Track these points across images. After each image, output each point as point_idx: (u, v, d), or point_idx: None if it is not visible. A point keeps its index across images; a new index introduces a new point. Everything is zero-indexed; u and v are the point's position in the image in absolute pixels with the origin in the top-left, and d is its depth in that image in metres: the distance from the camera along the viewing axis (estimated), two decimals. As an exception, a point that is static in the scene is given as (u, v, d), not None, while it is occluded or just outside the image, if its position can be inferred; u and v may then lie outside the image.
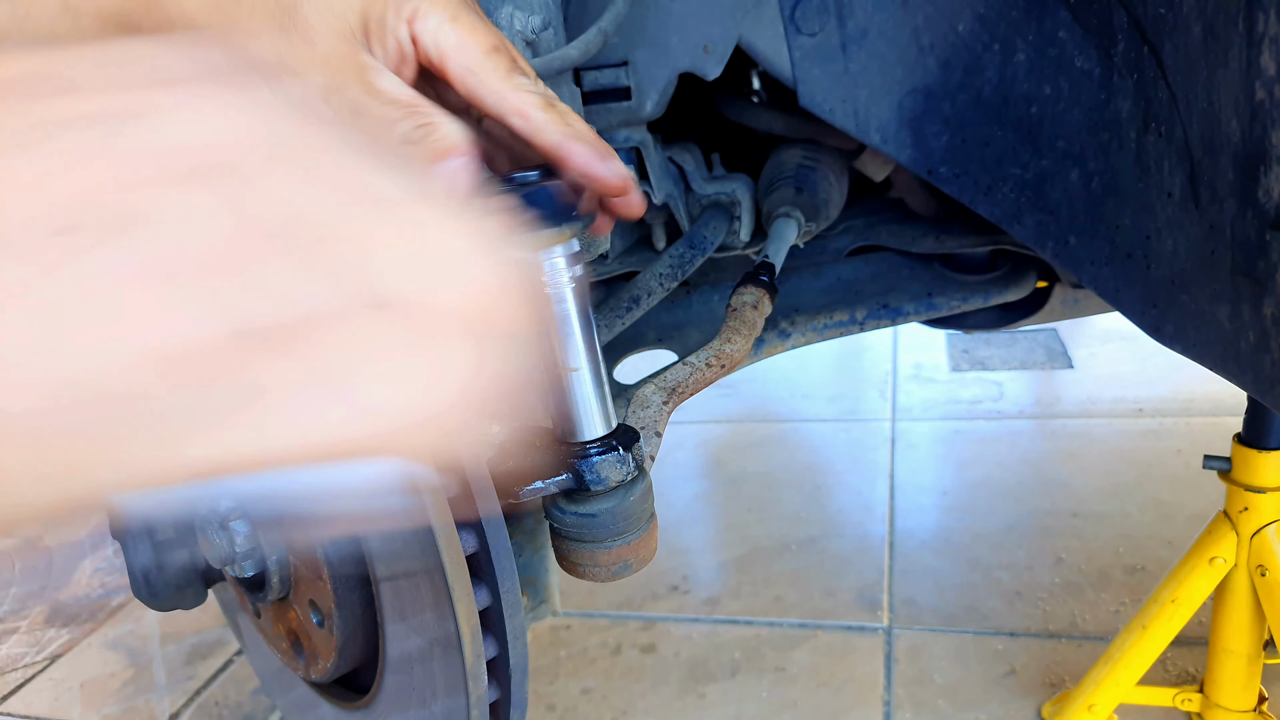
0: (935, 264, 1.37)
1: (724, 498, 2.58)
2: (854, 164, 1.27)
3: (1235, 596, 1.43)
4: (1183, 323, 0.77)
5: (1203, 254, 0.72)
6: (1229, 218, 0.68)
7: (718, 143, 1.26)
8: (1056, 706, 1.61)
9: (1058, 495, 2.35)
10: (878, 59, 0.89)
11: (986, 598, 1.99)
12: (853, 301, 1.36)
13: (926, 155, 0.91)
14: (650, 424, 0.78)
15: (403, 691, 0.63)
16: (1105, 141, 0.82)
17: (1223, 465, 1.42)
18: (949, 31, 0.86)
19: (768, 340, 1.32)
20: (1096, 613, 1.90)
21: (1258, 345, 0.67)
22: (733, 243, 1.20)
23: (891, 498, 2.45)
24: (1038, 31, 0.83)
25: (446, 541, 0.54)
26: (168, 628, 2.23)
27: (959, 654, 1.83)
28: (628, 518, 0.64)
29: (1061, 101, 0.84)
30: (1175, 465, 2.43)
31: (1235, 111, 0.65)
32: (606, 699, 1.83)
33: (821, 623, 1.98)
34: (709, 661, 1.90)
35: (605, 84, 0.97)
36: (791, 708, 1.75)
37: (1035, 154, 0.87)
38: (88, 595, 2.43)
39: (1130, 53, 0.77)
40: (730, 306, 0.96)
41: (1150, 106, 0.76)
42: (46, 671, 2.13)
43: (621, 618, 2.07)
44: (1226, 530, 1.41)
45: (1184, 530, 2.12)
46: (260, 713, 1.91)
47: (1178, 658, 1.71)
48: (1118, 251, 0.83)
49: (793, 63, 0.92)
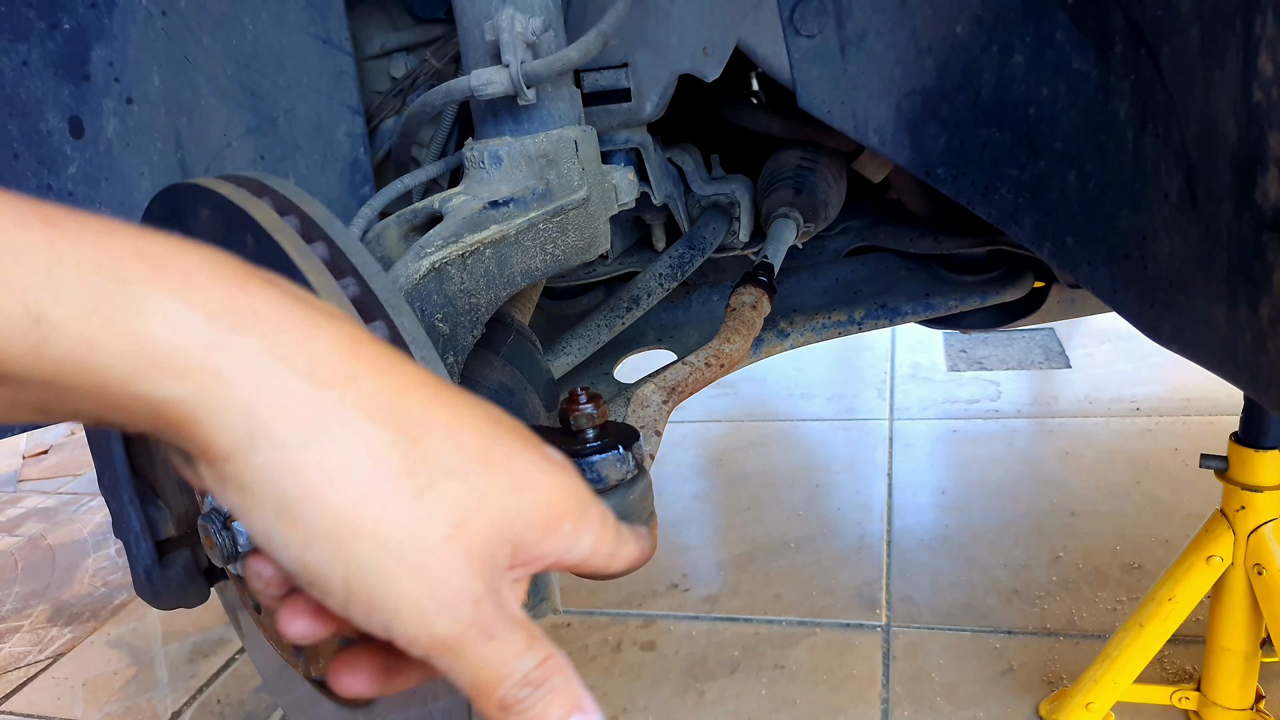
0: (933, 264, 1.37)
1: (723, 496, 2.58)
2: (852, 165, 1.28)
3: (1232, 595, 1.44)
4: (1180, 323, 0.78)
5: (1200, 254, 0.73)
6: (1226, 219, 0.69)
7: (717, 144, 1.26)
8: (1054, 704, 1.61)
9: (1055, 494, 2.36)
10: (876, 61, 0.90)
11: (984, 596, 1.99)
12: (851, 301, 1.37)
13: (924, 156, 0.91)
14: (650, 423, 0.78)
15: (405, 691, 0.63)
16: (1102, 143, 0.82)
17: (1220, 464, 1.42)
18: (947, 33, 0.87)
19: (766, 340, 1.33)
20: (1094, 611, 1.90)
21: (1254, 345, 0.68)
22: (732, 243, 1.20)
23: (889, 497, 2.46)
24: (1035, 33, 0.84)
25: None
26: (170, 626, 2.24)
27: (957, 652, 1.83)
28: (627, 516, 0.65)
29: (1059, 103, 0.84)
30: (1172, 464, 2.44)
31: (1232, 113, 0.66)
32: (607, 696, 1.83)
33: (820, 620, 1.98)
34: (708, 659, 1.91)
35: (605, 85, 0.97)
36: (790, 705, 1.75)
37: (1033, 155, 0.87)
38: (90, 594, 2.43)
39: (1128, 54, 0.77)
40: (729, 306, 0.97)
41: (1148, 108, 0.76)
42: (49, 670, 2.13)
43: (621, 615, 2.08)
44: (1223, 529, 1.42)
45: (1181, 529, 2.13)
46: (262, 711, 1.91)
47: (1175, 656, 1.72)
48: (1115, 252, 0.83)
49: (791, 64, 0.92)
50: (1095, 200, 0.84)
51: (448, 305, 0.76)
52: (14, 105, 1.01)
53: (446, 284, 0.77)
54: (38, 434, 3.51)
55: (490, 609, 0.39)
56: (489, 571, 0.39)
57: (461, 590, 0.38)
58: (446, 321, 0.76)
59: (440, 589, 0.38)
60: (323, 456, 0.36)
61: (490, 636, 0.39)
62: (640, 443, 0.64)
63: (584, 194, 0.87)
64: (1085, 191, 0.85)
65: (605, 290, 1.42)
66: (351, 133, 1.09)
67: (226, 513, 0.65)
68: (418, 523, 0.37)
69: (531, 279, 0.82)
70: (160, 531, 0.77)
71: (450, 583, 0.38)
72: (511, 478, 0.40)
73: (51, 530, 2.81)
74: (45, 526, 2.84)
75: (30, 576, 2.55)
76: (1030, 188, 0.88)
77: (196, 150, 1.07)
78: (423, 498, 0.38)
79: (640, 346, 1.40)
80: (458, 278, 0.77)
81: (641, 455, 0.64)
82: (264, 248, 0.58)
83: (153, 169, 1.07)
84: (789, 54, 0.92)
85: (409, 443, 0.38)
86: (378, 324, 0.56)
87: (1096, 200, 0.84)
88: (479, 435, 0.40)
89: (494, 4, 0.86)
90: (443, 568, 0.38)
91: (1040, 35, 0.84)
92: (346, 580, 0.37)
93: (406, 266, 0.76)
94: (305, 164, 1.10)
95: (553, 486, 0.42)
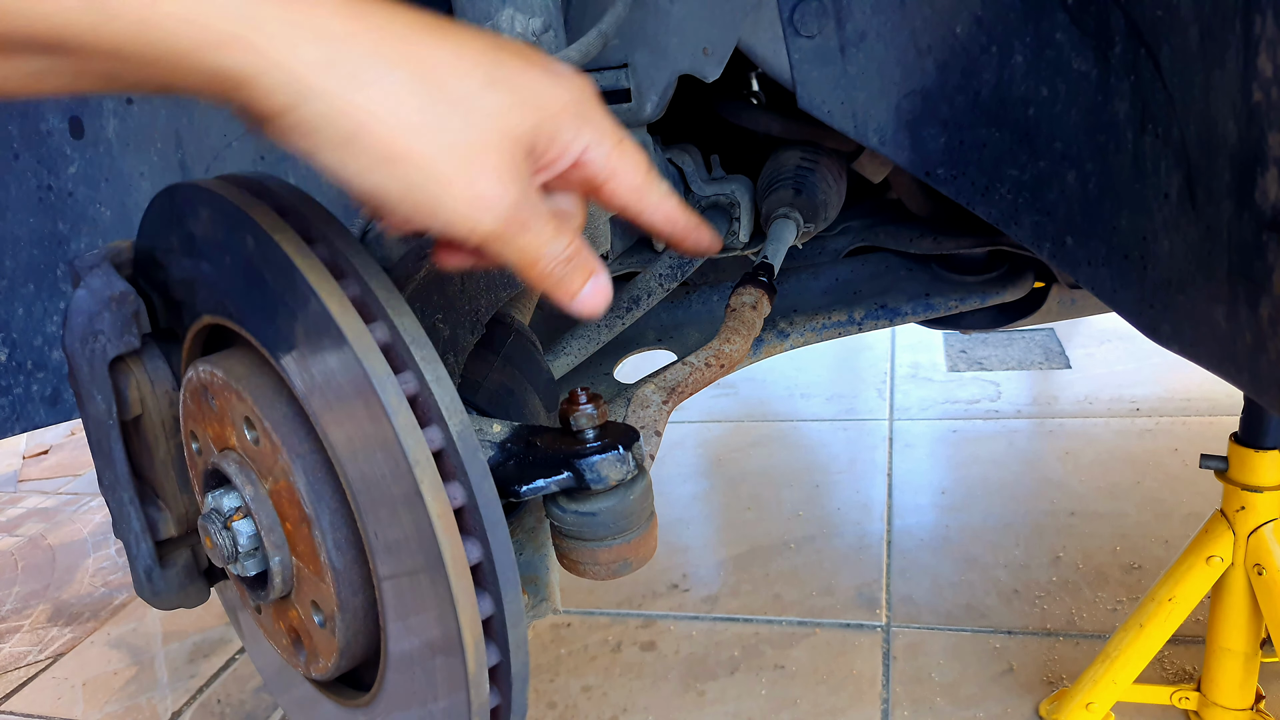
0: (933, 265, 1.37)
1: (723, 496, 2.58)
2: (852, 165, 1.27)
3: (1232, 595, 1.44)
4: (1179, 323, 0.78)
5: (1199, 255, 0.73)
6: (1225, 219, 0.69)
7: (717, 144, 1.26)
8: (1054, 704, 1.61)
9: (1055, 494, 2.36)
10: (876, 61, 0.90)
11: (984, 596, 1.99)
12: (851, 302, 1.36)
13: (924, 157, 0.91)
14: (650, 423, 0.78)
15: (405, 692, 0.63)
16: (1102, 143, 0.82)
17: (1219, 464, 1.42)
18: (947, 34, 0.87)
19: (766, 340, 1.33)
20: (1094, 611, 1.90)
21: (1254, 345, 0.68)
22: (732, 243, 1.20)
23: (889, 497, 2.46)
24: (1035, 33, 0.84)
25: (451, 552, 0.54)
26: (170, 626, 2.24)
27: (957, 652, 1.83)
28: (628, 516, 0.65)
29: (1059, 103, 0.84)
30: (1172, 464, 2.44)
31: (1232, 113, 0.66)
32: (607, 696, 1.83)
33: (820, 621, 1.98)
34: (708, 659, 1.91)
35: (605, 86, 0.97)
36: (790, 705, 1.75)
37: (1032, 155, 0.87)
38: (90, 594, 2.43)
39: (1127, 54, 0.77)
40: (729, 307, 0.96)
41: (1147, 108, 0.76)
42: (49, 670, 2.13)
43: (621, 615, 2.08)
44: (1223, 529, 1.42)
45: (1181, 529, 2.13)
46: (262, 711, 1.92)
47: (1175, 656, 1.72)
48: (1115, 252, 0.83)
49: (791, 65, 0.92)
50: (1095, 200, 0.84)
51: (448, 306, 0.76)
52: (14, 105, 1.01)
53: (446, 285, 0.77)
54: (38, 434, 3.51)
55: (523, 207, 0.50)
56: (515, 177, 0.49)
57: (495, 195, 0.48)
58: (446, 322, 0.76)
59: (479, 197, 0.48)
60: (361, 101, 0.45)
61: (526, 229, 0.50)
62: (640, 443, 0.64)
63: (584, 194, 0.87)
64: (1085, 192, 0.85)
65: (605, 290, 1.42)
66: (351, 133, 1.09)
67: (227, 513, 0.65)
68: (448, 147, 0.47)
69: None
70: (160, 531, 0.77)
71: (486, 191, 0.48)
72: (516, 96, 0.50)
73: (51, 530, 2.81)
74: (45, 526, 2.84)
75: (30, 576, 2.55)
76: (1030, 188, 0.88)
77: (196, 150, 1.07)
78: (446, 126, 0.47)
79: (640, 346, 1.40)
80: (458, 278, 0.77)
81: (641, 455, 0.64)
82: (264, 248, 0.58)
83: (153, 169, 1.07)
84: (789, 54, 0.92)
85: (424, 79, 0.47)
86: (378, 324, 0.56)
87: (1096, 200, 0.84)
88: (484, 63, 0.49)
89: (494, 4, 0.86)
90: (477, 179, 0.48)
91: (1040, 35, 0.83)
92: (405, 196, 0.47)
93: (406, 266, 0.76)
94: (305, 164, 1.10)
95: (550, 98, 0.51)
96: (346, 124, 0.45)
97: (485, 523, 0.55)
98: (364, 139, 0.46)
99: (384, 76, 0.45)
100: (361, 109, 0.45)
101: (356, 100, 0.45)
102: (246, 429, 0.63)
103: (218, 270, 0.63)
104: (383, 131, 0.46)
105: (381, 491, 0.56)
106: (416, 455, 0.53)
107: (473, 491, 0.55)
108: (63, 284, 1.09)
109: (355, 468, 0.57)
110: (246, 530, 0.64)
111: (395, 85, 0.46)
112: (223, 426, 0.66)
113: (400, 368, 0.55)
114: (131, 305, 0.69)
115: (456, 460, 0.55)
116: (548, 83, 0.51)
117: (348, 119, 0.45)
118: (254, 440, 0.63)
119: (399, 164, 0.47)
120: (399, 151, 0.46)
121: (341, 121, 0.45)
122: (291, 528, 0.62)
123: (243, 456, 0.65)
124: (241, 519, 0.64)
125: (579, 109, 0.53)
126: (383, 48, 0.46)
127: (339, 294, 0.55)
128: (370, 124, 0.45)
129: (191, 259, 0.66)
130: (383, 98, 0.45)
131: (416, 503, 0.53)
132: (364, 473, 0.57)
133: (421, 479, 0.53)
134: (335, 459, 0.58)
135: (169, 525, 0.77)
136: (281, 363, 0.60)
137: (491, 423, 0.68)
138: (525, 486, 0.62)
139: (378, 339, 0.55)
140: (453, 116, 0.47)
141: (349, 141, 0.46)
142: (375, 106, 0.45)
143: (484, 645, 0.56)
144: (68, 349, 0.71)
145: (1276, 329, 0.65)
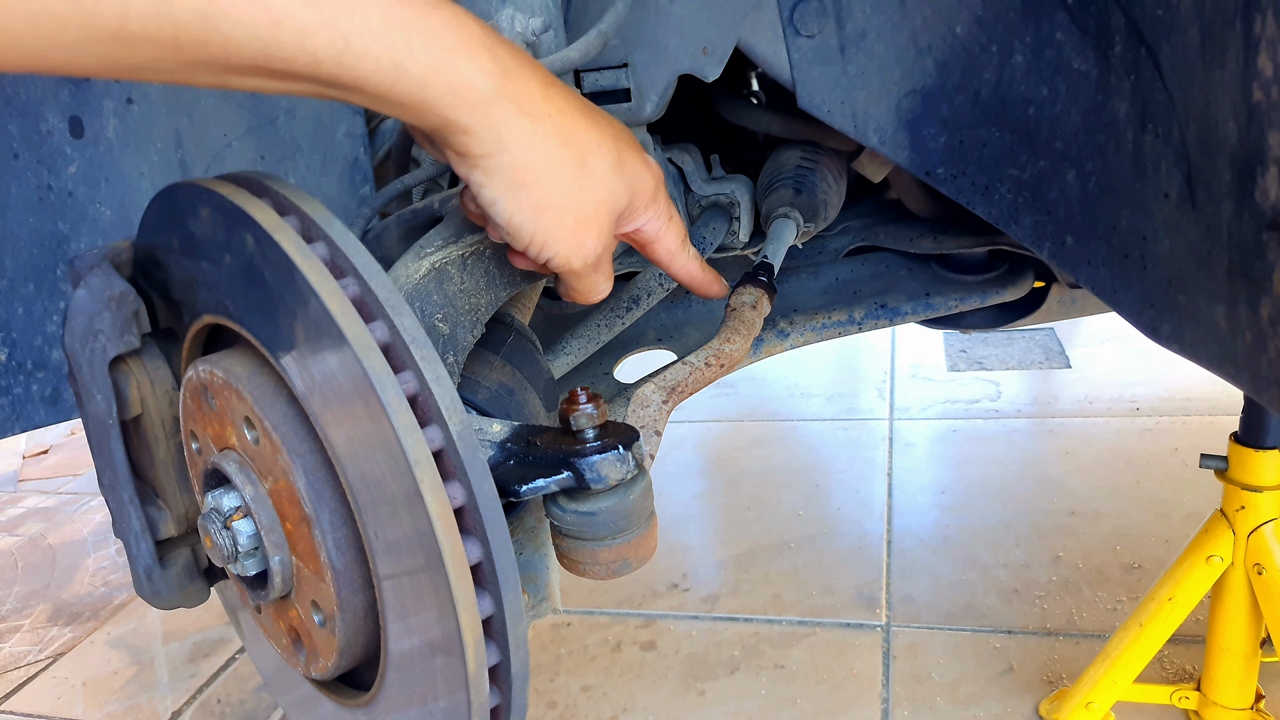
0: (933, 264, 1.37)
1: (723, 496, 2.58)
2: (852, 165, 1.27)
3: (1232, 595, 1.44)
4: (1179, 323, 0.78)
5: (1200, 254, 0.73)
6: (1226, 218, 0.69)
7: (717, 144, 1.26)
8: (1054, 704, 1.61)
9: (1055, 494, 2.36)
10: (876, 60, 0.90)
11: (984, 596, 1.99)
12: (851, 301, 1.36)
13: (924, 156, 0.91)
14: (650, 423, 0.78)
15: (405, 691, 0.63)
16: (1102, 142, 0.82)
17: (1219, 464, 1.42)
18: (947, 33, 0.87)
19: (766, 340, 1.33)
20: (1094, 611, 1.90)
21: (1254, 345, 0.68)
22: (732, 243, 1.20)
23: (889, 496, 2.46)
24: (1035, 33, 0.84)
25: (451, 552, 0.54)
26: (170, 626, 2.24)
27: (957, 651, 1.83)
28: (627, 516, 0.65)
29: (1059, 103, 0.84)
30: (1172, 464, 2.44)
31: (1232, 113, 0.66)
32: (607, 696, 1.83)
33: (820, 620, 1.98)
34: (709, 659, 1.91)
35: (605, 86, 0.97)
36: (790, 705, 1.75)
37: (1032, 155, 0.87)
38: (90, 594, 2.43)
39: (1128, 54, 0.77)
40: (729, 306, 0.96)
41: (1147, 108, 0.76)
42: (49, 670, 2.13)
43: (622, 615, 2.08)
44: (1223, 529, 1.42)
45: (1181, 529, 2.13)
46: (262, 711, 1.92)
47: (1175, 655, 1.72)
48: (1115, 252, 0.83)
49: (791, 64, 0.92)
50: (1095, 200, 0.84)
51: (448, 305, 0.76)
52: (14, 105, 1.01)
53: (446, 284, 0.77)
54: (38, 434, 3.51)
55: (603, 257, 0.71)
56: (606, 236, 0.71)
57: (591, 249, 0.70)
58: (446, 321, 0.76)
59: (582, 247, 0.69)
60: (534, 163, 0.64)
61: (595, 271, 0.72)
62: (640, 443, 0.64)
63: (584, 194, 0.87)
64: (1085, 191, 0.85)
65: (605, 290, 1.42)
66: (351, 133, 1.09)
67: (227, 512, 0.65)
68: (577, 208, 0.67)
69: (532, 279, 0.82)
70: (160, 531, 0.77)
71: (588, 245, 0.69)
72: (626, 180, 0.70)
73: (51, 530, 2.81)
74: (45, 526, 2.84)
75: (30, 576, 2.55)
76: (1030, 187, 0.88)
77: (196, 150, 1.07)
78: (582, 194, 0.67)
79: (640, 346, 1.40)
80: (458, 278, 0.77)
81: (641, 455, 0.64)
82: (264, 248, 0.58)
83: (153, 169, 1.07)
84: (789, 54, 0.92)
85: (579, 159, 0.66)
86: (377, 324, 0.56)
87: (1096, 200, 0.84)
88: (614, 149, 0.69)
89: (494, 4, 0.86)
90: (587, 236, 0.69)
91: (1040, 35, 0.83)
92: (534, 235, 0.67)
93: (406, 266, 0.76)
94: (305, 164, 1.10)
95: (642, 184, 0.72)
96: (522, 176, 0.64)
97: (485, 522, 0.55)
98: (529, 190, 0.64)
99: (557, 150, 0.65)
100: (534, 170, 0.64)
101: (533, 164, 0.64)
102: (246, 429, 0.63)
103: (218, 270, 0.63)
104: (543, 187, 0.65)
105: (381, 491, 0.56)
106: (416, 455, 0.53)
107: (473, 491, 0.55)
108: (63, 284, 1.09)
109: (355, 467, 0.57)
110: (246, 530, 0.64)
111: (561, 158, 0.65)
112: (222, 426, 0.66)
113: (400, 367, 0.55)
114: (131, 305, 0.69)
115: (456, 460, 0.55)
116: (643, 171, 0.72)
117: (524, 173, 0.64)
118: (254, 440, 0.63)
119: (544, 213, 0.65)
120: (547, 205, 0.65)
121: (520, 174, 0.64)
122: (291, 527, 0.62)
123: (243, 456, 0.65)
124: (241, 518, 0.64)
125: (654, 193, 0.74)
126: (562, 128, 0.65)
127: (339, 293, 0.55)
128: (537, 181, 0.64)
129: (191, 258, 0.66)
130: (550, 164, 0.64)
131: (416, 502, 0.53)
132: (364, 472, 0.57)
133: (421, 479, 0.53)
134: (335, 459, 0.58)
135: (169, 525, 0.77)
136: (281, 362, 0.60)
137: (491, 422, 0.68)
138: (525, 486, 0.62)
139: (377, 338, 0.55)
140: (586, 190, 0.67)
141: (518, 189, 0.64)
142: (545, 169, 0.64)
143: (484, 645, 0.56)
144: (68, 349, 0.71)
145: (1276, 328, 0.65)
